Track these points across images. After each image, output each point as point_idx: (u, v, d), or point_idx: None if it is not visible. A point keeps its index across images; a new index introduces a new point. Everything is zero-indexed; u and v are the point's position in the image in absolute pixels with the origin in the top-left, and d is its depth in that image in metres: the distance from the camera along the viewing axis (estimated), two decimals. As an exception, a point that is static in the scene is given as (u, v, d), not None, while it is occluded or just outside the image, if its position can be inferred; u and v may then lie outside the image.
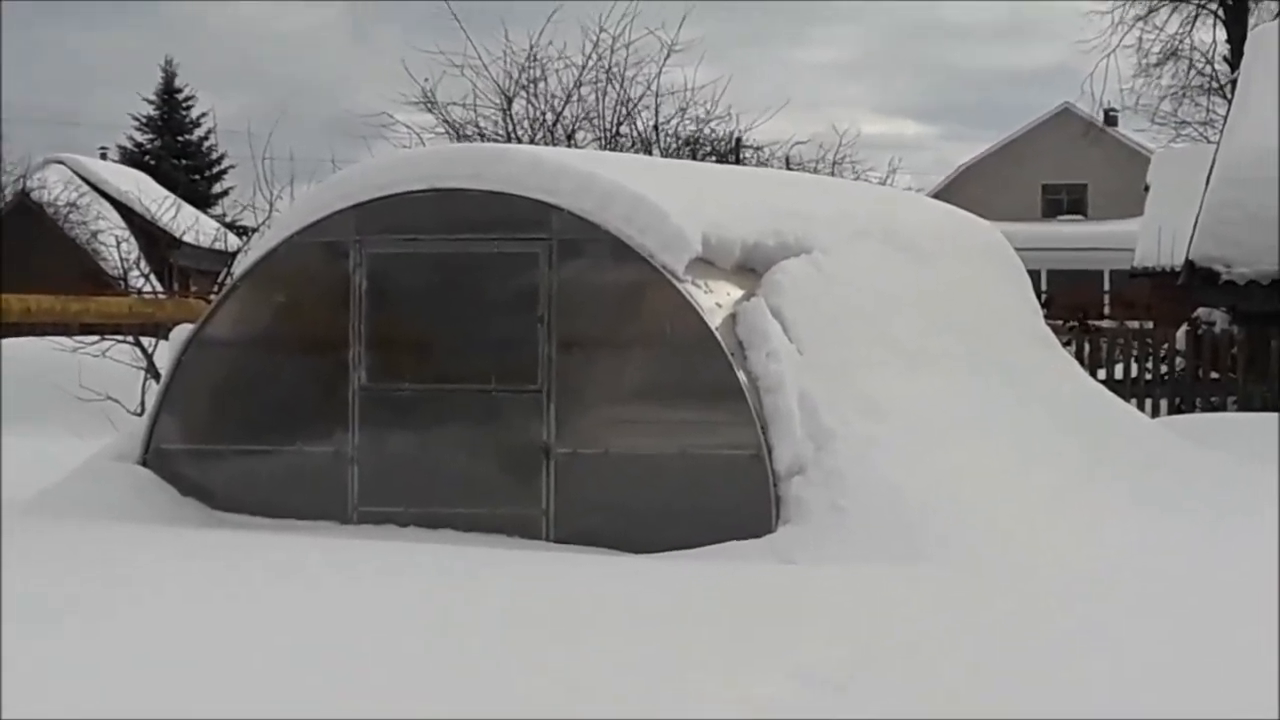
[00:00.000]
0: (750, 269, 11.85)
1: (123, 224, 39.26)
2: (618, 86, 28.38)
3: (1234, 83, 24.28)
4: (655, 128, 28.93)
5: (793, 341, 11.35)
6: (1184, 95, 44.70)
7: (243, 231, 31.32)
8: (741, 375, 11.02)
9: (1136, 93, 44.95)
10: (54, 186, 45.33)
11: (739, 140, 30.72)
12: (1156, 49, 43.79)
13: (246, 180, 29.59)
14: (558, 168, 11.70)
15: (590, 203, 11.33)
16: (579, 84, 28.23)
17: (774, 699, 7.00)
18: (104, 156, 57.79)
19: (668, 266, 11.13)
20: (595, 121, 28.51)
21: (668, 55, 28.01)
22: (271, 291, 12.18)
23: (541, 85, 28.20)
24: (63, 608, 8.23)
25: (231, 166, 61.56)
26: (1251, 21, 39.73)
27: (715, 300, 11.33)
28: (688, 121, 29.36)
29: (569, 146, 26.30)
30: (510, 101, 27.94)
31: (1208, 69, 44.20)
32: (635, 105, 28.63)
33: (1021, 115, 69.87)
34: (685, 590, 9.30)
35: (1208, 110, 44.32)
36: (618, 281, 11.43)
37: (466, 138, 27.39)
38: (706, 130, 29.74)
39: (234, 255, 25.86)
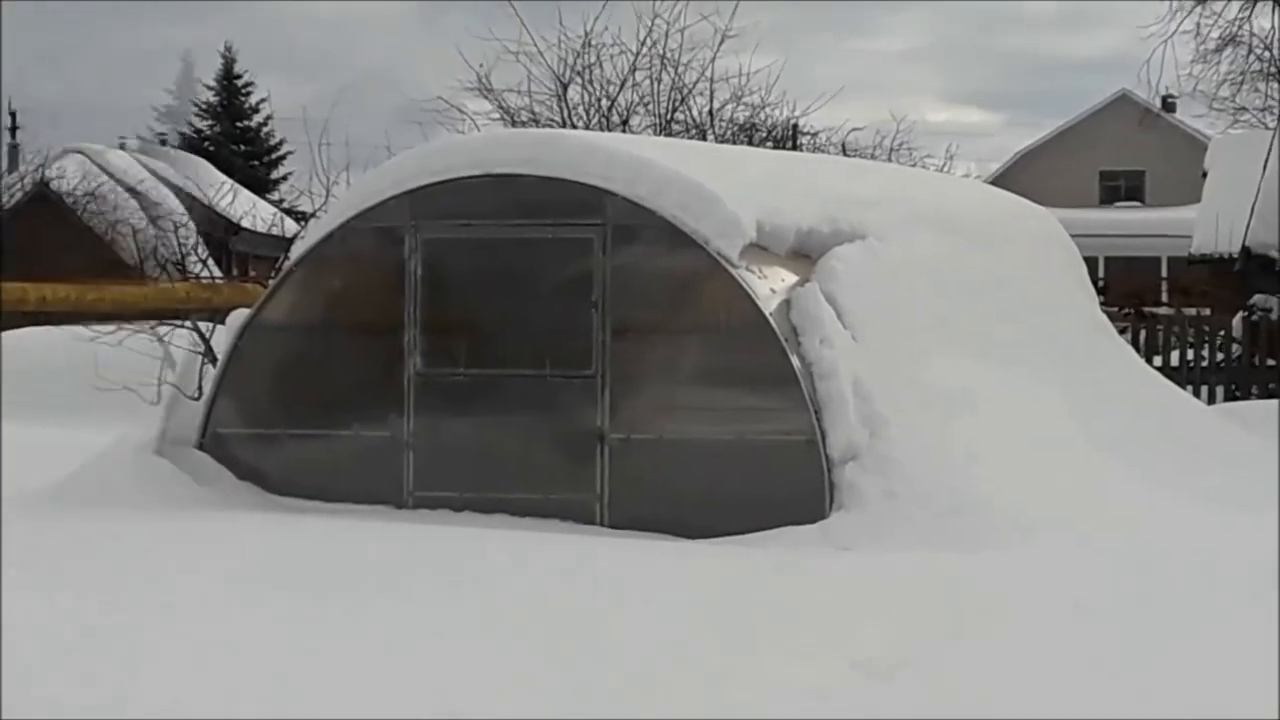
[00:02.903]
0: (804, 255, 11.84)
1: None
2: (672, 73, 28.39)
3: (1293, 69, 24.07)
4: (710, 113, 28.91)
5: (847, 328, 11.32)
6: (1243, 81, 44.34)
7: (300, 216, 31.41)
8: (795, 361, 11.01)
9: (1195, 78, 44.63)
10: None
11: (795, 126, 30.68)
12: (1215, 35, 43.47)
13: (304, 166, 29.61)
14: (612, 153, 11.70)
15: (645, 189, 11.33)
16: (633, 70, 28.26)
17: (831, 688, 6.97)
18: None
19: (722, 253, 11.13)
20: (650, 107, 28.52)
21: (722, 41, 28.00)
22: (327, 276, 12.23)
23: (596, 71, 28.22)
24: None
25: (290, 152, 61.78)
26: (1313, 9, 39.39)
27: (769, 286, 11.31)
28: (743, 107, 29.34)
29: (624, 133, 26.29)
30: (565, 87, 27.97)
31: (1267, 55, 43.88)
32: (690, 91, 28.63)
33: (1082, 102, 69.54)
34: (740, 576, 9.30)
35: (1266, 96, 43.98)
36: (672, 267, 11.43)
37: (521, 124, 27.44)
38: (762, 116, 29.72)
39: (291, 240, 25.91)
